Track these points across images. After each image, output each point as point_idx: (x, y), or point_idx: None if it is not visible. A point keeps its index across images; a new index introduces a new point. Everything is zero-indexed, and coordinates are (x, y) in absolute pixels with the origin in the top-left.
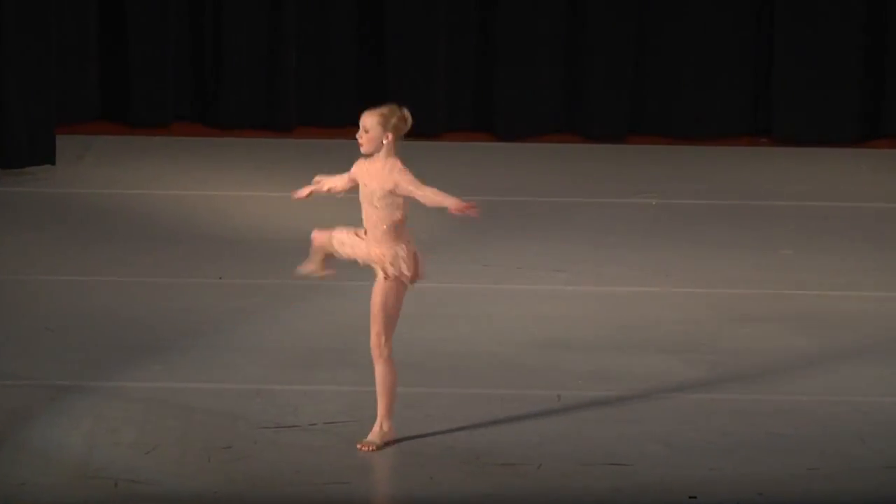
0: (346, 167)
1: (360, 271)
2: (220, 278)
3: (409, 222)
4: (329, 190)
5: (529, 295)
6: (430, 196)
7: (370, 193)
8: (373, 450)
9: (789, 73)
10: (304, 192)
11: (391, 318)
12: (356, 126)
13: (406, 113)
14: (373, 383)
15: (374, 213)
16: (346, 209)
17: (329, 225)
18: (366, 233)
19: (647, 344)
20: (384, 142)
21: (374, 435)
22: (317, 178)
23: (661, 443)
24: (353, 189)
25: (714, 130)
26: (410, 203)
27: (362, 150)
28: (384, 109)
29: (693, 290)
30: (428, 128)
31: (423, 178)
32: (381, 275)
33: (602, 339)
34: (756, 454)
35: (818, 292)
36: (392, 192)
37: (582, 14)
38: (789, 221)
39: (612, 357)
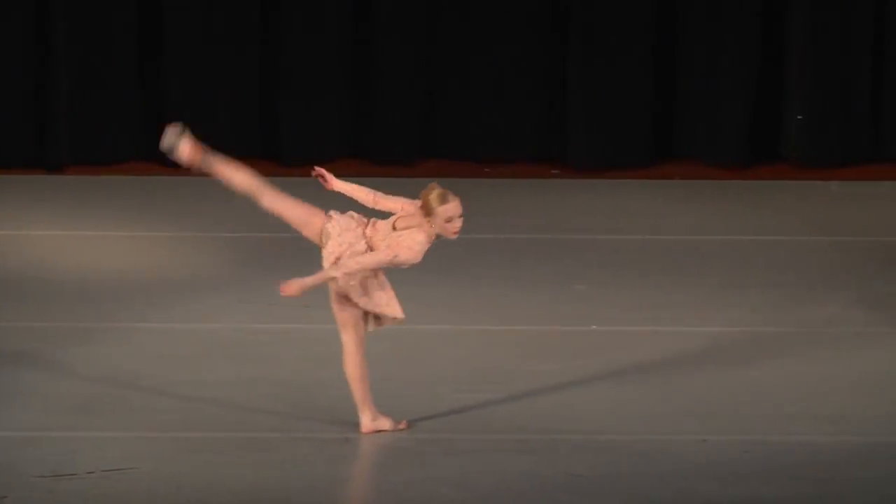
0: (118, 204)
1: (149, 313)
2: None
3: None
4: None
5: (317, 334)
6: None
7: None
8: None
9: (582, 100)
10: None
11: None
12: (137, 161)
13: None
14: (152, 429)
15: None
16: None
17: None
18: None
19: (440, 382)
20: None
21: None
22: None
23: (453, 485)
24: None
25: (504, 155)
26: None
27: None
28: None
29: (487, 328)
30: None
31: (214, 212)
32: None
33: (393, 377)
34: (554, 495)
35: (613, 328)
36: None
37: (369, 38)
38: (583, 255)
39: (404, 396)
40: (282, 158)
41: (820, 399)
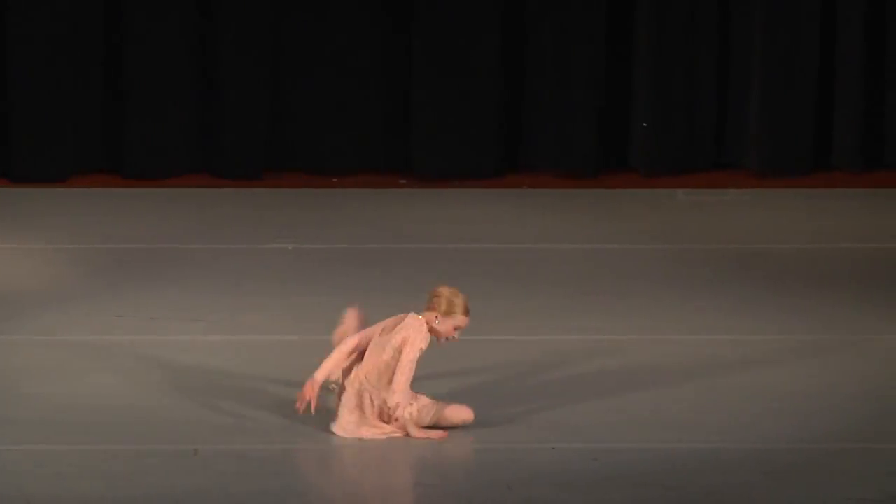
0: None
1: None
2: None
3: None
4: None
5: (166, 346)
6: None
7: None
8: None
9: (428, 110)
10: None
11: None
12: None
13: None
14: (2, 441)
15: None
16: None
17: None
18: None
19: (288, 395)
20: None
21: None
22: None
23: (297, 495)
24: None
25: (352, 166)
26: None
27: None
28: None
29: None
30: (55, 173)
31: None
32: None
33: (243, 390)
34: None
35: (462, 336)
36: None
37: (213, 50)
38: (433, 264)
39: (255, 409)
40: (125, 171)
41: (669, 407)
